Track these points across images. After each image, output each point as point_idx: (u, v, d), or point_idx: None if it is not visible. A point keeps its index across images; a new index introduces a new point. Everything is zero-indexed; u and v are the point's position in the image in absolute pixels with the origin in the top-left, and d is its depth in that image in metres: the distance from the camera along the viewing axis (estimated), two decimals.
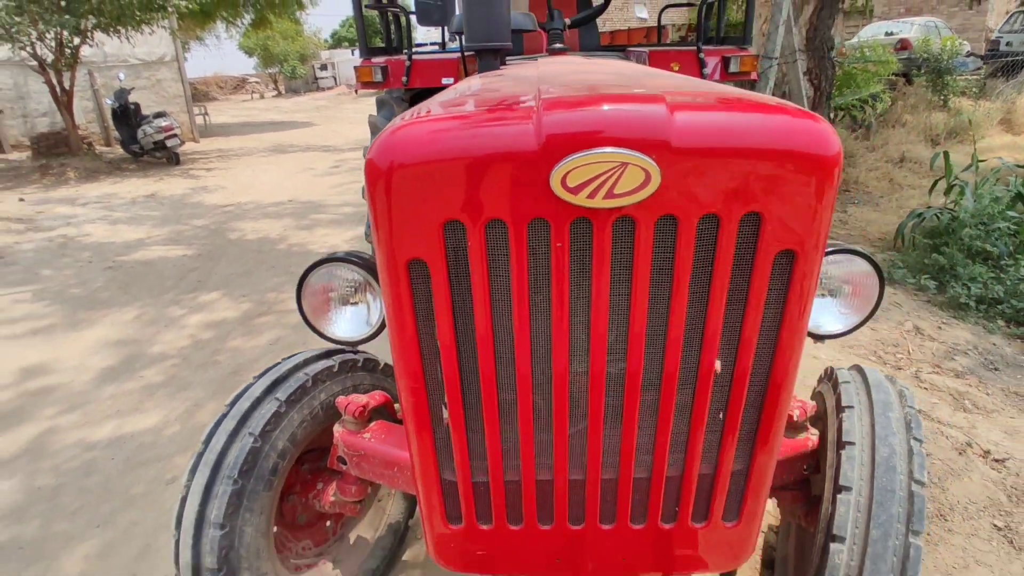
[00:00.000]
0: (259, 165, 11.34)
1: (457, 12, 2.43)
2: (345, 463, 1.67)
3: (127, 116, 11.23)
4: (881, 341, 3.76)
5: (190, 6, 11.09)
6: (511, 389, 0.94)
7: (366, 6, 3.31)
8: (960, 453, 2.72)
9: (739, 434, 0.99)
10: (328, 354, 1.77)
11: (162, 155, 11.28)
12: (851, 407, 1.49)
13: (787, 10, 6.40)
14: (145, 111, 11.77)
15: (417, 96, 3.43)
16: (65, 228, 7.00)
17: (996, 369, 3.45)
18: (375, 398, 1.68)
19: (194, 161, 11.87)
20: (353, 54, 38.19)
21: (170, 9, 10.75)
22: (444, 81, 3.24)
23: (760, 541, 2.26)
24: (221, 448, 1.49)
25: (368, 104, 26.78)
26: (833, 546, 1.32)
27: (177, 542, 1.48)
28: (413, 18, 3.80)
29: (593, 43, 3.51)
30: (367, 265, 1.20)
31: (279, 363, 1.71)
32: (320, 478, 1.83)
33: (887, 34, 14.67)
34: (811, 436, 1.58)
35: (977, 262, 4.37)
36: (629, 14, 23.55)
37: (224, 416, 1.57)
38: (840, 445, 1.43)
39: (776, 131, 0.79)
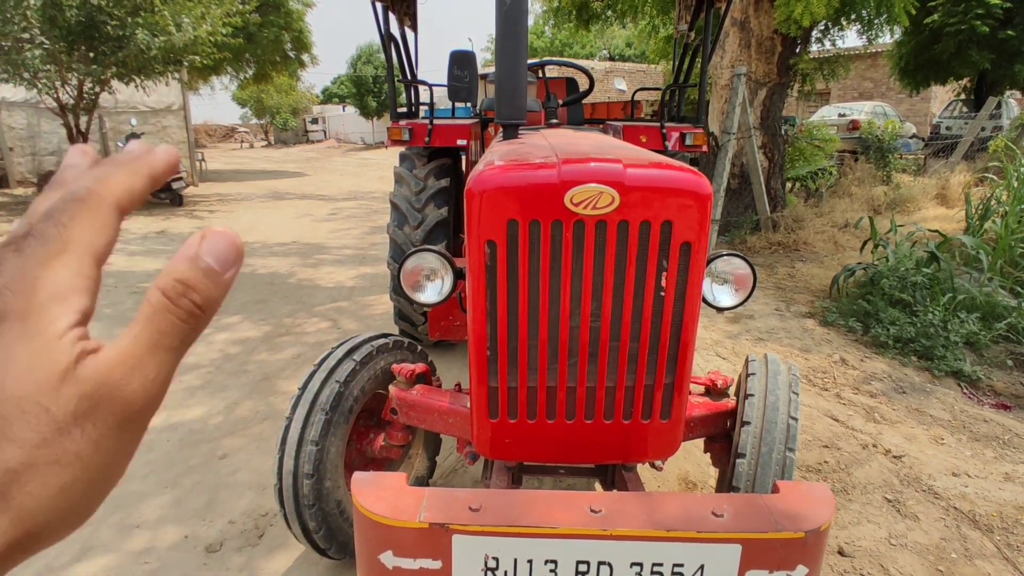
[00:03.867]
0: (259, 210, 12.01)
1: (480, 94, 3.21)
2: (396, 413, 2.28)
3: None
4: (812, 368, 4.49)
5: (204, 61, 11.99)
6: (536, 326, 1.61)
7: (398, 80, 4.10)
8: (864, 448, 3.40)
9: (667, 356, 1.66)
10: (383, 335, 2.41)
11: (166, 196, 11.89)
12: (754, 374, 2.18)
13: (742, 93, 7.44)
14: None
15: (434, 153, 4.19)
16: None
17: (904, 392, 4.18)
18: (420, 367, 2.32)
19: (196, 203, 12.50)
20: (344, 110, 39.75)
21: (186, 63, 11.62)
22: (459, 142, 4.00)
23: None
24: (316, 390, 2.11)
25: (356, 158, 27.87)
26: (738, 460, 1.99)
27: (281, 456, 2.06)
28: (424, 90, 4.62)
29: (579, 118, 4.35)
30: (442, 254, 1.85)
31: (350, 338, 2.34)
32: (371, 430, 2.44)
33: (840, 115, 16.26)
34: (731, 400, 2.27)
35: (896, 308, 5.19)
36: (609, 85, 25.32)
37: (315, 370, 2.18)
38: (745, 397, 2.11)
39: (677, 179, 1.52)
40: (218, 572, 2.37)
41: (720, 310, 1.93)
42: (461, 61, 3.19)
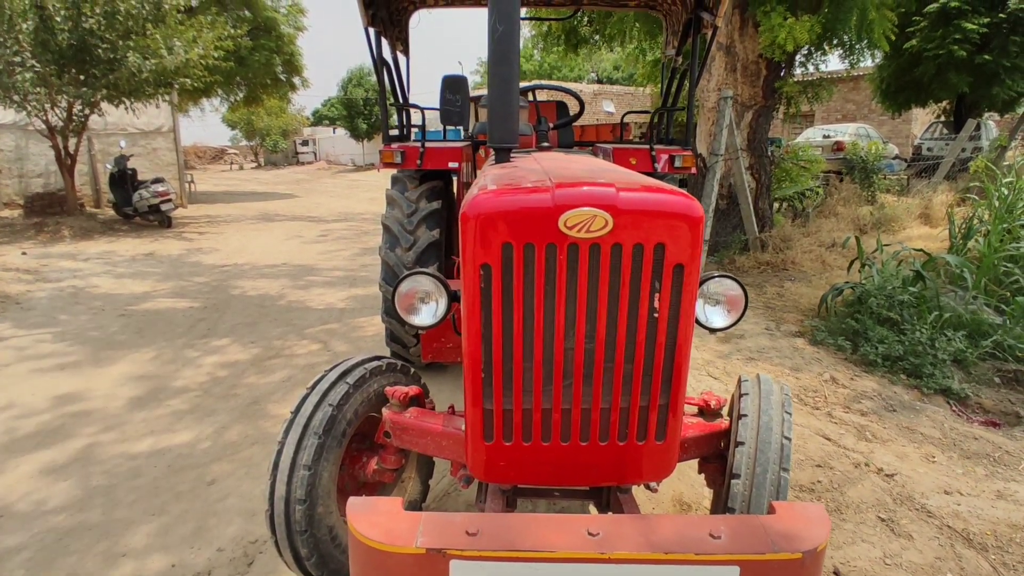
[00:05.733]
0: (248, 231, 11.98)
1: (472, 117, 3.26)
2: (390, 436, 2.27)
3: (124, 180, 11.87)
4: (803, 387, 4.51)
5: (195, 83, 12.04)
6: (531, 348, 1.61)
7: (390, 104, 4.14)
8: (857, 467, 3.41)
9: (661, 377, 1.67)
10: (377, 358, 2.40)
11: (155, 218, 11.85)
12: (747, 394, 2.19)
13: (729, 116, 7.57)
14: (140, 177, 12.43)
15: (426, 176, 4.22)
16: (73, 280, 7.46)
17: (894, 410, 4.21)
18: (413, 390, 2.31)
19: (185, 225, 12.46)
20: (334, 132, 39.95)
21: (176, 86, 11.66)
22: (450, 164, 4.04)
23: None
24: (309, 414, 2.09)
25: (346, 180, 27.95)
26: (733, 481, 1.99)
27: (273, 481, 2.03)
28: (416, 114, 4.67)
29: (568, 140, 4.41)
30: (436, 277, 1.85)
31: (343, 361, 2.32)
32: (364, 454, 2.41)
33: (825, 136, 16.58)
34: (724, 421, 2.27)
35: (884, 327, 5.24)
36: (598, 108, 25.67)
37: (308, 393, 2.17)
38: (739, 418, 2.12)
39: (669, 202, 1.54)
40: None
41: (712, 331, 1.94)
42: (453, 85, 3.23)
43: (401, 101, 4.40)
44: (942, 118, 16.99)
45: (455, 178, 4.61)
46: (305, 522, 1.99)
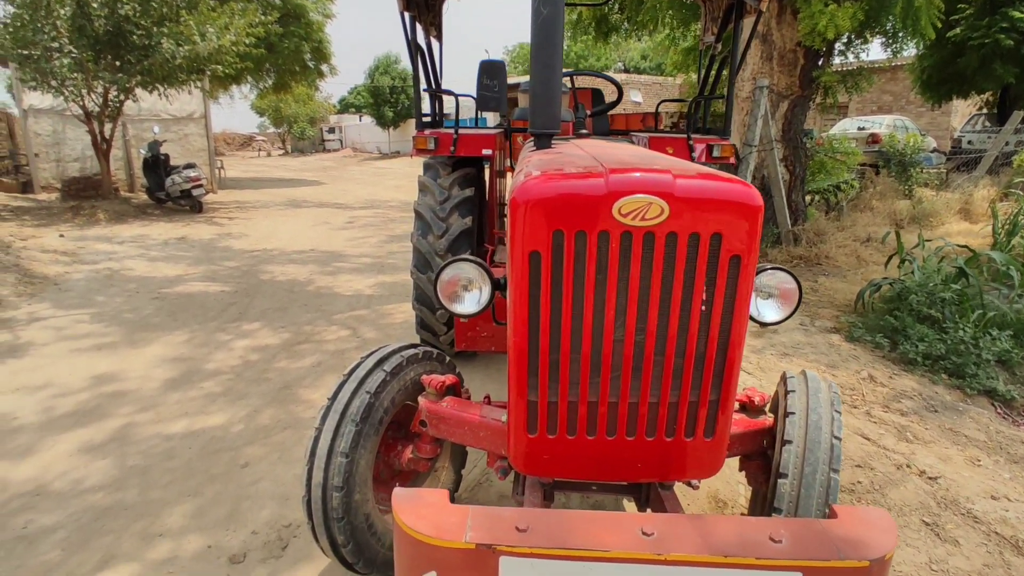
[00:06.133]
0: (277, 217, 12.10)
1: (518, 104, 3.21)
2: (425, 425, 2.24)
3: (157, 165, 12.05)
4: (840, 385, 4.39)
5: (226, 70, 12.15)
6: (579, 339, 1.56)
7: (424, 90, 4.09)
8: (898, 469, 3.31)
9: (713, 373, 1.61)
10: (413, 345, 2.38)
11: (187, 203, 12.02)
12: (793, 391, 2.12)
13: (764, 105, 7.38)
14: (172, 162, 12.61)
15: (459, 163, 4.18)
16: (108, 262, 7.60)
17: (936, 411, 4.07)
18: (449, 378, 2.28)
19: (215, 210, 12.62)
20: (360, 120, 40.12)
21: (208, 72, 11.77)
22: (484, 152, 3.98)
23: None
24: (346, 401, 2.07)
25: (372, 168, 28.06)
26: (780, 481, 1.92)
27: (310, 467, 2.02)
28: (447, 99, 4.62)
29: (604, 128, 4.32)
30: (480, 264, 1.81)
31: (380, 348, 2.30)
32: (399, 442, 2.40)
33: (859, 128, 16.14)
34: (768, 418, 2.20)
35: (924, 325, 5.07)
36: (625, 97, 25.31)
37: (345, 380, 2.15)
38: (786, 416, 2.05)
39: (728, 190, 1.47)
40: None
41: (764, 325, 1.87)
42: (491, 71, 3.18)
43: (434, 87, 4.35)
44: (984, 110, 16.39)
45: (488, 166, 4.56)
46: (342, 509, 1.98)
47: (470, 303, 1.82)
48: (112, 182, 12.57)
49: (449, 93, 4.22)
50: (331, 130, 42.00)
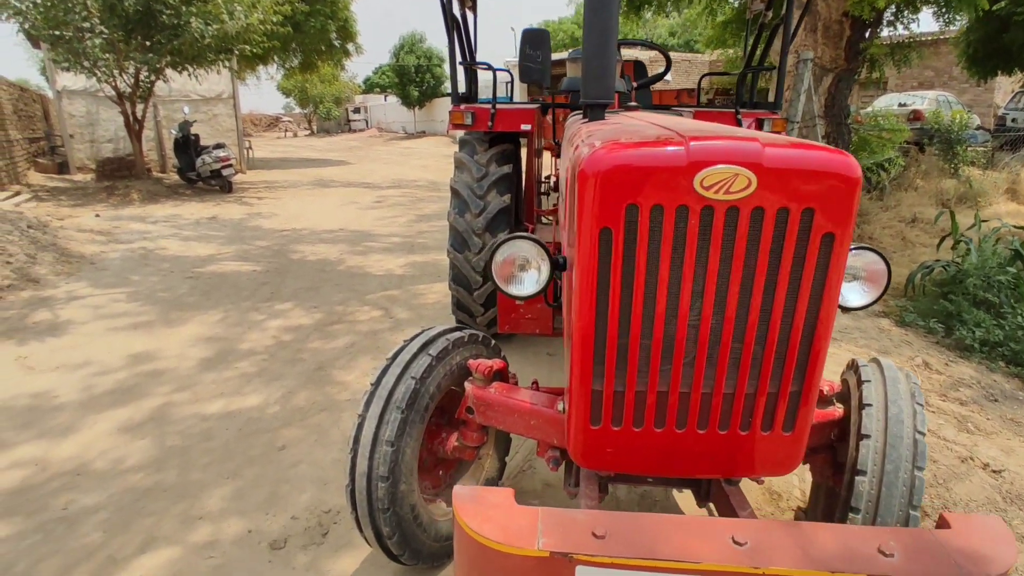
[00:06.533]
0: (305, 197, 12.10)
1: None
2: (472, 412, 2.14)
3: (187, 146, 12.12)
4: None
5: (254, 50, 12.09)
6: (650, 323, 1.44)
7: (460, 63, 3.94)
8: (962, 462, 3.13)
9: (796, 361, 1.47)
10: (458, 328, 2.27)
11: (217, 183, 12.08)
12: (869, 381, 1.96)
13: (808, 79, 7.06)
14: (202, 143, 12.67)
15: (496, 138, 4.03)
16: (142, 242, 7.66)
17: (996, 400, 3.86)
18: (497, 363, 2.17)
19: (245, 190, 12.67)
20: (385, 100, 39.98)
21: (236, 52, 11.73)
22: (523, 127, 3.83)
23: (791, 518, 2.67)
24: (391, 387, 1.98)
25: (398, 147, 27.98)
26: (858, 478, 1.78)
27: (354, 456, 1.94)
28: (479, 74, 4.46)
29: (647, 102, 4.13)
30: (537, 241, 1.68)
31: (425, 330, 2.20)
32: (443, 429, 2.31)
33: (900, 105, 15.46)
34: (837, 409, 2.05)
35: (980, 310, 4.82)
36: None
37: (389, 365, 2.06)
38: (862, 407, 1.90)
39: (823, 160, 1.32)
40: (284, 571, 2.28)
41: (846, 310, 1.72)
42: (534, 40, 3.02)
43: (468, 60, 4.20)
44: None
45: (525, 142, 4.42)
46: (388, 500, 1.90)
47: (529, 284, 1.70)
48: (144, 162, 12.68)
49: (486, 66, 4.06)
50: (356, 110, 41.97)
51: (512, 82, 4.21)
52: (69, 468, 2.97)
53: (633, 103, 3.17)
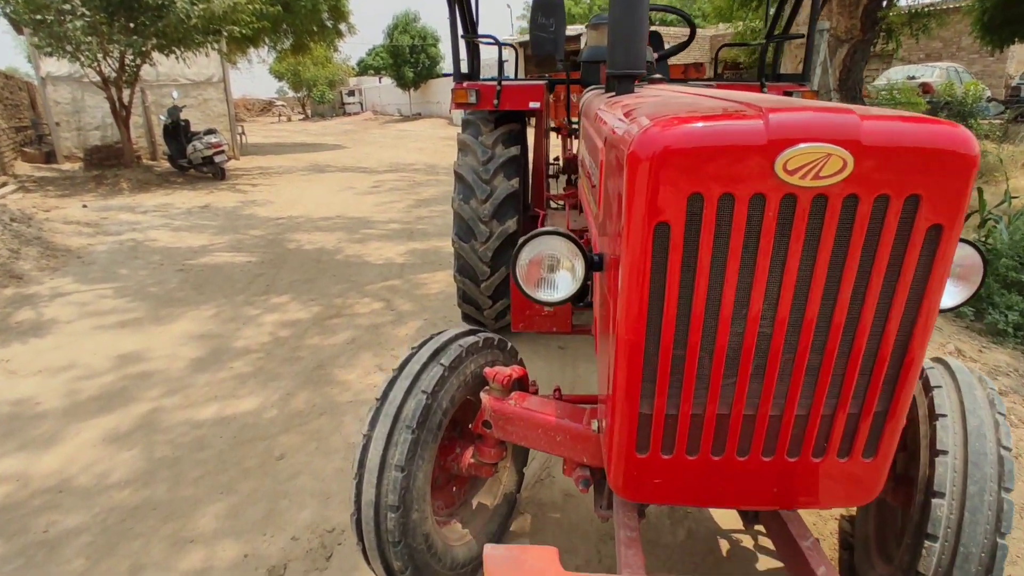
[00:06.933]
0: (300, 183, 11.78)
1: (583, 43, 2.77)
2: (490, 426, 1.91)
3: (177, 132, 11.75)
4: None
5: (243, 31, 11.68)
6: (712, 333, 1.20)
7: (461, 36, 3.65)
8: (1017, 457, 2.90)
9: (884, 378, 1.24)
10: (472, 331, 2.03)
11: (209, 170, 11.74)
12: (940, 387, 1.72)
13: (823, 50, 6.75)
14: (192, 128, 12.31)
15: (502, 118, 3.75)
16: (132, 233, 7.38)
17: None
18: (516, 371, 1.93)
19: (238, 177, 12.34)
20: (380, 82, 39.30)
21: (225, 33, 11.32)
22: (531, 105, 3.55)
23: (835, 527, 2.46)
24: (399, 403, 1.74)
25: (393, 130, 27.51)
26: (935, 501, 1.55)
27: (360, 482, 1.71)
28: (481, 52, 4.16)
29: (665, 75, 3.84)
30: (569, 236, 1.43)
31: (435, 336, 1.96)
32: (457, 443, 2.07)
33: (909, 78, 15.08)
34: None
35: (1012, 292, 4.57)
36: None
37: (396, 377, 1.81)
38: (933, 418, 1.66)
39: (935, 135, 1.06)
40: None
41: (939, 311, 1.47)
42: (547, 7, 2.74)
43: (471, 33, 3.90)
44: None
45: (531, 121, 4.14)
46: (399, 531, 1.67)
47: (563, 287, 1.44)
48: (134, 150, 12.33)
49: (490, 40, 3.76)
50: (351, 93, 41.29)
51: (514, 59, 3.90)
52: (51, 484, 2.74)
53: (657, 75, 2.89)
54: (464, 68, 3.85)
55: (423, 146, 19.47)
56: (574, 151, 4.35)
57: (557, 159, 4.94)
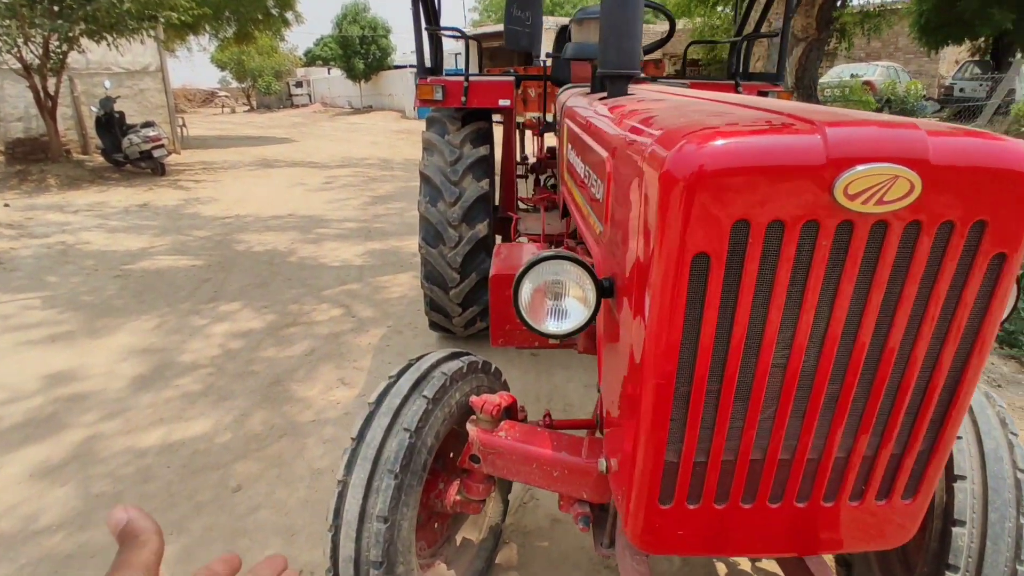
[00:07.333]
0: (248, 179, 11.23)
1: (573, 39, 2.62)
2: (478, 461, 1.73)
3: (111, 125, 11.01)
4: None
5: (182, 18, 11.02)
6: (750, 372, 1.06)
7: (425, 28, 3.43)
8: None
9: (932, 416, 1.13)
10: (454, 355, 1.85)
11: (147, 165, 11.06)
12: None
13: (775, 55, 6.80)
14: (128, 121, 11.56)
15: (469, 115, 3.56)
16: (61, 235, 6.81)
17: (999, 386, 3.71)
18: (505, 398, 1.76)
19: (180, 172, 11.67)
20: (329, 73, 38.20)
21: (162, 19, 10.65)
22: (501, 103, 3.37)
23: None
24: (379, 443, 1.55)
25: (344, 123, 26.74)
26: (955, 530, 1.47)
27: (336, 535, 1.51)
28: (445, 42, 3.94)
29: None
30: (575, 260, 1.26)
31: (413, 363, 1.77)
32: (440, 478, 1.89)
33: (852, 76, 15.58)
34: None
35: None
36: None
37: (374, 412, 1.62)
38: None
39: (1002, 153, 0.95)
40: None
41: None
42: (523, 0, 2.56)
43: (434, 25, 3.68)
44: (976, 57, 15.93)
45: (495, 120, 3.96)
46: None
47: (574, 316, 1.27)
48: (62, 143, 11.49)
49: (455, 33, 3.55)
50: (298, 84, 39.98)
51: (466, 52, 3.69)
52: None
53: (643, 74, 2.75)
54: (427, 62, 3.64)
55: (376, 140, 18.97)
56: (546, 151, 4.19)
57: (525, 159, 4.77)
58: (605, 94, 1.89)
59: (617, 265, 1.26)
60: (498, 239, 3.91)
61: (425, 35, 3.51)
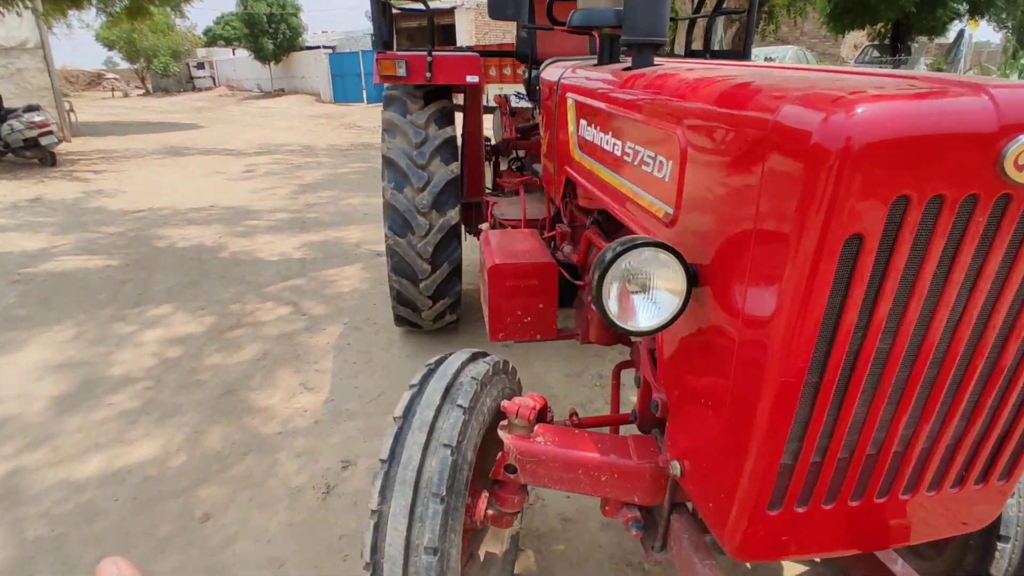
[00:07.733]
0: (156, 168, 10.29)
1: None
2: (514, 471, 1.57)
3: None
4: None
5: None
6: (881, 362, 0.96)
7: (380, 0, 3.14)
8: None
9: None
10: (475, 356, 1.67)
11: (33, 155, 9.89)
12: None
13: (721, 31, 6.91)
14: (7, 104, 10.27)
15: (431, 93, 3.31)
16: None
17: None
18: (538, 400, 1.61)
19: (74, 162, 10.52)
20: (234, 54, 35.82)
21: None
22: (469, 79, 3.16)
23: None
24: (418, 463, 1.35)
25: (254, 107, 25.20)
26: (1000, 545, 1.48)
27: (377, 574, 1.31)
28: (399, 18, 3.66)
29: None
30: (668, 248, 1.11)
31: (434, 367, 1.57)
32: (468, 492, 1.70)
33: (767, 59, 16.29)
34: None
35: None
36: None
37: (403, 428, 1.41)
38: None
39: None
40: None
41: None
42: None
43: None
44: (876, 41, 17.08)
45: (461, 97, 3.73)
46: None
47: (664, 308, 1.12)
48: None
49: (419, 7, 3.29)
50: (200, 66, 37.25)
51: (429, 27, 3.42)
52: None
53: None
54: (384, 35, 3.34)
55: (292, 124, 17.99)
56: (515, 132, 4.00)
57: (488, 140, 4.56)
58: (627, 65, 1.75)
59: (704, 252, 1.12)
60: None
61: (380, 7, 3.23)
